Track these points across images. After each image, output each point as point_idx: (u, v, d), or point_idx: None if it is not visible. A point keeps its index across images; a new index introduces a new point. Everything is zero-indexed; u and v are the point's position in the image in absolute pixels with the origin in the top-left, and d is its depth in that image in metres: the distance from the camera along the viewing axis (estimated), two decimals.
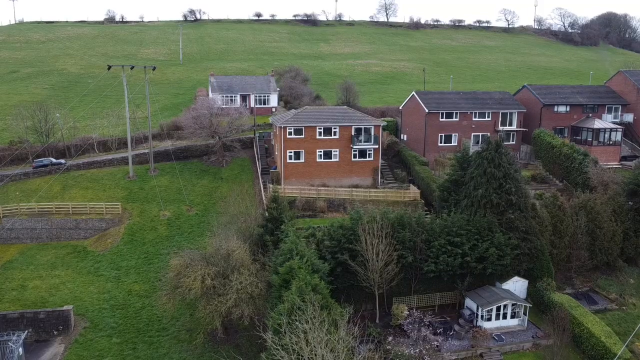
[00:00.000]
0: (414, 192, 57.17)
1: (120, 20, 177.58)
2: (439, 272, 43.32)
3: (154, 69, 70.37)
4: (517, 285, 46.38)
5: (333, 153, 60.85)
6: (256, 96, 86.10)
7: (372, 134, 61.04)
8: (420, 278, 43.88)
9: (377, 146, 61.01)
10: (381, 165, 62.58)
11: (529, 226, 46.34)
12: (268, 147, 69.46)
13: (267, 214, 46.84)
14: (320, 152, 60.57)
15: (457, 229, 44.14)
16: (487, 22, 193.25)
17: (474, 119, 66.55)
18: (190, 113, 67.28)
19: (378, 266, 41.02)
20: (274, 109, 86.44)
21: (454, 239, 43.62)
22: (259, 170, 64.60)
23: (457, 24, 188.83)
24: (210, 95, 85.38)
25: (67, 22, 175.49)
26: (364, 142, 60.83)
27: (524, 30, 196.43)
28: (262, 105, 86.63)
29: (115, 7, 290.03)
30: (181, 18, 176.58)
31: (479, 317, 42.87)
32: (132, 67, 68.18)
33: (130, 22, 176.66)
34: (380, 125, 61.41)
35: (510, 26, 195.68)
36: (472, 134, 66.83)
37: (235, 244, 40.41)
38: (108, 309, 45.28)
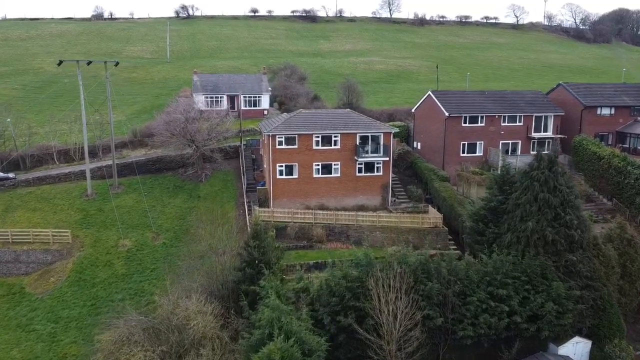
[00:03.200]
0: (434, 216, 44.97)
1: (109, 17, 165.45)
2: (478, 337, 31.25)
3: (116, 64, 58.14)
4: (577, 348, 34.22)
5: (333, 167, 48.73)
6: (245, 97, 74.00)
7: (382, 143, 48.92)
8: (452, 345, 31.73)
9: (387, 158, 48.84)
10: (392, 181, 50.48)
11: (593, 269, 34.25)
12: (256, 157, 57.23)
13: (246, 254, 34.67)
14: (318, 165, 48.46)
15: (501, 276, 31.97)
16: (495, 18, 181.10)
17: (502, 124, 54.36)
18: (163, 118, 55.17)
19: (396, 333, 29.00)
20: (265, 112, 74.29)
21: (498, 290, 31.43)
22: (244, 186, 52.50)
23: (463, 20, 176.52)
24: (193, 96, 73.27)
25: (52, 19, 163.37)
26: (372, 153, 48.69)
27: (533, 26, 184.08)
28: (252, 107, 74.48)
29: (104, 4, 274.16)
30: (173, 14, 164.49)
31: None
32: (89, 63, 55.89)
33: (119, 19, 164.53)
34: (391, 132, 49.23)
35: (519, 23, 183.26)
36: (501, 141, 54.63)
37: (197, 305, 28.33)
38: None
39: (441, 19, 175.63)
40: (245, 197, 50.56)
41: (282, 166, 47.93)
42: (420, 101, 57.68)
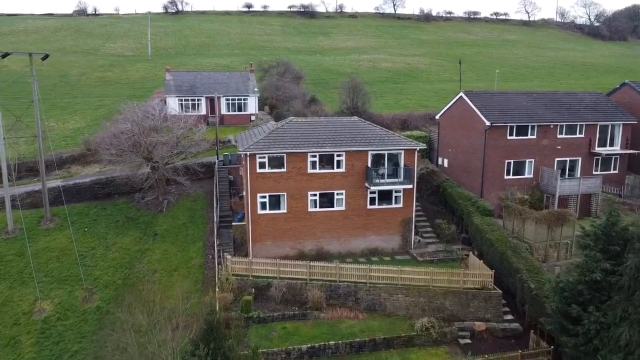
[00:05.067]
0: (481, 272, 30.96)
1: (93, 12, 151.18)
2: None
3: (44, 57, 43.99)
4: None
5: (336, 197, 34.79)
6: (228, 99, 60.01)
7: (402, 163, 35.03)
8: None
9: (410, 185, 34.84)
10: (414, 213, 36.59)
11: None
12: (235, 178, 43.14)
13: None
14: (315, 195, 34.50)
15: None
16: (505, 14, 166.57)
17: (558, 136, 40.40)
18: (110, 128, 41.15)
19: None
20: (252, 117, 60.31)
21: None
22: (215, 217, 38.45)
23: (471, 17, 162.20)
24: (165, 98, 59.29)
25: (31, 15, 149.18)
26: (389, 177, 34.76)
27: (545, 23, 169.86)
28: (236, 112, 60.44)
29: None
30: (161, 10, 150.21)
31: None
32: (5, 55, 41.69)
33: (103, 14, 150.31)
34: (415, 149, 35.18)
35: (530, 19, 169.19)
36: (556, 159, 40.65)
37: None
38: None
39: (448, 15, 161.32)
40: (216, 236, 36.55)
41: (264, 197, 33.94)
42: (448, 105, 43.62)
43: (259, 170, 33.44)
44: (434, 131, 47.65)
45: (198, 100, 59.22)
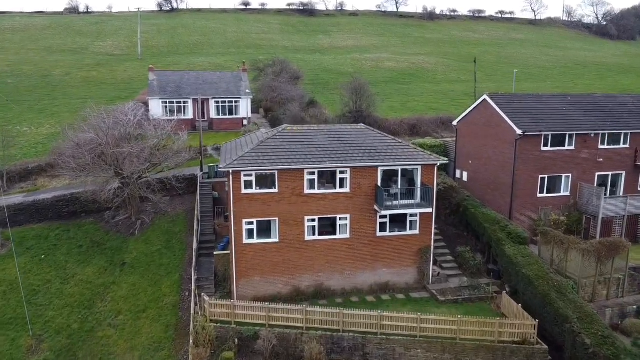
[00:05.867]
0: (521, 320, 24.57)
1: (85, 10, 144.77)
2: None
3: None
4: None
5: (339, 222, 28.42)
6: (217, 102, 53.71)
7: (419, 181, 28.71)
8: None
9: (429, 209, 28.52)
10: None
11: None
12: (221, 195, 36.69)
13: None
14: (313, 221, 28.15)
15: None
16: (511, 13, 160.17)
17: (600, 147, 34.07)
18: (72, 137, 34.72)
19: None
20: (245, 121, 54.01)
21: None
22: (195, 244, 32.06)
23: (476, 15, 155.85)
24: (148, 100, 53.00)
25: (21, 12, 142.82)
26: (403, 199, 28.43)
27: (552, 22, 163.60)
28: (227, 116, 54.15)
29: None
30: (156, 8, 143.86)
31: None
32: None
33: (95, 12, 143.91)
34: (434, 164, 28.85)
35: (537, 18, 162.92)
36: (597, 173, 34.33)
37: None
38: None
39: (452, 13, 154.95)
40: (194, 268, 30.16)
41: (251, 223, 27.59)
42: (469, 110, 37.19)
43: (244, 191, 27.12)
44: (450, 138, 41.30)
45: (184, 102, 52.89)
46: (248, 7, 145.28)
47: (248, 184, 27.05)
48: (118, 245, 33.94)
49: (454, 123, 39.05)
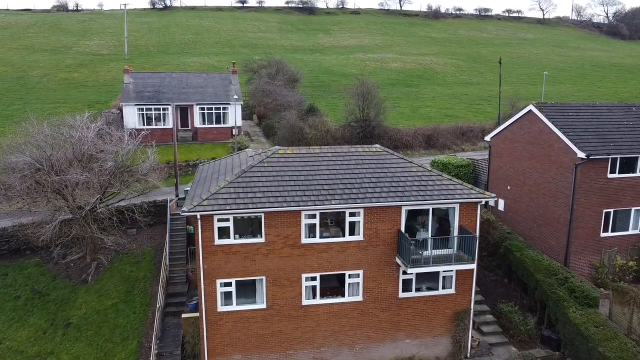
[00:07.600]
0: None
1: (74, 8, 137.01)
2: None
3: None
4: None
5: (348, 281, 20.82)
6: (203, 108, 46.10)
7: (456, 224, 21.15)
8: None
9: (472, 264, 20.92)
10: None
11: None
12: (195, 229, 29.02)
13: None
14: (314, 279, 20.55)
15: None
16: (519, 11, 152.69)
17: None
18: (3, 157, 27.17)
19: None
20: (235, 131, 46.32)
21: None
22: (159, 301, 24.44)
23: (483, 14, 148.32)
24: (122, 106, 45.40)
25: (7, 10, 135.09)
26: (435, 247, 20.87)
27: (561, 21, 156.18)
28: (213, 125, 46.52)
29: None
30: (148, 5, 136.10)
31: None
32: None
33: (84, 10, 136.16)
34: (477, 203, 21.31)
35: (545, 17, 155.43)
36: None
37: None
38: None
39: (458, 12, 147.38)
40: (156, 334, 22.56)
41: (229, 284, 19.96)
42: (509, 123, 29.47)
43: (218, 241, 19.53)
44: (472, 152, 33.73)
45: (164, 110, 45.25)
46: (245, 5, 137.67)
47: (223, 232, 19.46)
48: (65, 296, 26.30)
49: (487, 138, 31.41)
